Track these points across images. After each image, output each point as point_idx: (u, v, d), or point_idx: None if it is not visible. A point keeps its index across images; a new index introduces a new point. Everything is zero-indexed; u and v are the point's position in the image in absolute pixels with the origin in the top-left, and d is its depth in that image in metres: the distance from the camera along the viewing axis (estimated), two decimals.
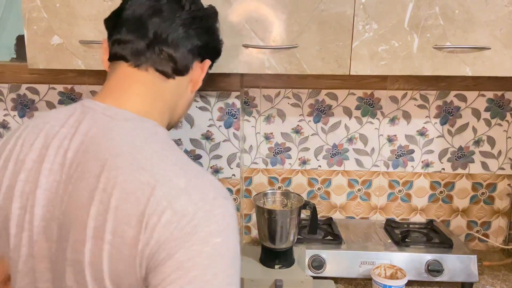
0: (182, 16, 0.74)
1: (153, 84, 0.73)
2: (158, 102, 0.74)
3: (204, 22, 0.79)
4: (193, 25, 0.76)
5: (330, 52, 1.04)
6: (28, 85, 1.40)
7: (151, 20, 0.72)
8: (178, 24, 0.73)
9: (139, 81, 0.72)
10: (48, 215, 0.65)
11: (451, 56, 1.03)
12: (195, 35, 0.76)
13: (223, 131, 1.36)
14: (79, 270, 0.61)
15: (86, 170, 0.62)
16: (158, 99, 0.74)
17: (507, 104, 1.40)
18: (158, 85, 0.73)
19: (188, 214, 0.58)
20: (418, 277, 1.22)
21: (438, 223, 1.46)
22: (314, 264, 1.23)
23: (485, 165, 1.45)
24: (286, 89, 1.42)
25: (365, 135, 1.44)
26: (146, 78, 0.72)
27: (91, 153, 0.63)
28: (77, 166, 0.63)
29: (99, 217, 0.59)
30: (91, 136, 0.65)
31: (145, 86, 0.72)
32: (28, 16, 1.05)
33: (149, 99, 0.72)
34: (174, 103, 0.78)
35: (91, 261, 0.59)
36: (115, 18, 0.75)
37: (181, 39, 0.74)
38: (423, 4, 1.00)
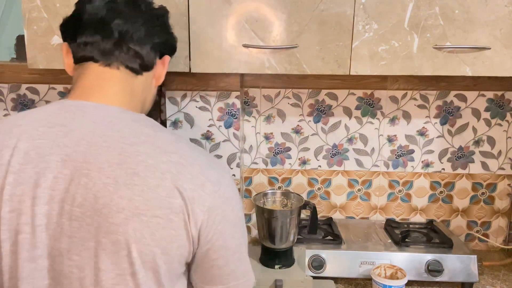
0: (142, 15, 0.79)
1: (126, 81, 0.78)
2: (133, 98, 0.79)
3: (161, 20, 0.84)
4: (153, 24, 0.81)
5: (330, 52, 1.04)
6: (28, 85, 1.40)
7: (114, 21, 0.76)
8: (140, 23, 0.78)
9: (114, 79, 0.76)
10: (54, 212, 0.66)
11: (451, 56, 1.03)
12: (156, 33, 0.81)
13: (223, 131, 1.36)
14: (117, 251, 0.65)
15: (100, 161, 0.66)
16: (133, 95, 0.79)
17: (507, 104, 1.40)
18: (130, 81, 0.79)
19: (222, 183, 0.71)
20: (418, 277, 1.22)
21: (438, 223, 1.46)
22: (314, 264, 1.23)
23: (485, 165, 1.45)
24: (286, 89, 1.42)
25: (365, 135, 1.44)
26: (119, 76, 0.77)
27: (99, 146, 0.67)
28: (85, 160, 0.66)
29: (136, 198, 0.65)
30: (88, 131, 0.68)
31: (121, 83, 0.77)
32: (28, 16, 1.05)
33: (127, 95, 0.77)
34: (143, 99, 0.83)
35: (138, 238, 0.65)
36: (76, 22, 0.78)
37: (144, 37, 0.78)
38: (423, 4, 1.00)
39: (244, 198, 1.48)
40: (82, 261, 0.66)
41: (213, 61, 1.06)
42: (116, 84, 0.76)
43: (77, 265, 0.66)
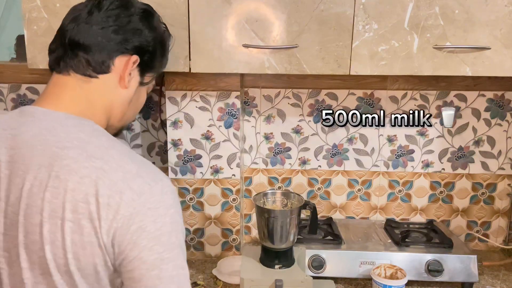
0: (96, 17, 0.79)
1: (79, 87, 0.79)
2: (89, 103, 0.79)
3: (121, 20, 0.81)
4: (108, 24, 0.79)
5: (330, 52, 1.04)
6: (28, 85, 1.40)
7: (68, 26, 0.80)
8: (92, 24, 0.79)
9: (67, 85, 0.79)
10: None
11: (451, 56, 1.03)
12: (111, 32, 0.79)
13: (223, 131, 1.36)
14: (35, 250, 0.68)
15: (33, 163, 0.69)
16: (88, 100, 0.79)
17: (507, 104, 1.40)
18: (83, 86, 0.79)
19: (146, 192, 0.69)
20: (418, 277, 1.22)
21: (438, 223, 1.46)
22: (314, 264, 1.23)
23: (485, 165, 1.45)
24: (286, 89, 1.42)
25: (365, 135, 1.44)
26: (71, 82, 0.79)
27: (36, 149, 0.70)
28: (21, 162, 0.70)
29: (54, 200, 0.67)
30: (32, 135, 0.72)
31: (73, 89, 0.79)
32: (28, 16, 1.05)
33: (80, 101, 0.79)
34: (107, 102, 0.82)
35: (52, 240, 0.67)
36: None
37: (95, 39, 0.78)
38: (423, 4, 1.00)
39: (244, 198, 1.48)
40: (10, 258, 0.70)
41: (213, 61, 1.06)
42: (68, 90, 0.78)
43: (7, 262, 0.71)
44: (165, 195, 0.71)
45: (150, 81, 0.91)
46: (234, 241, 1.44)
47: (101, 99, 0.81)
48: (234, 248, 1.45)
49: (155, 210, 0.69)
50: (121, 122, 0.89)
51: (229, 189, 1.40)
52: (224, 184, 1.40)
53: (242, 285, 1.08)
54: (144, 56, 0.84)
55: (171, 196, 0.72)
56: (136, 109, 0.93)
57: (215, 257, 1.45)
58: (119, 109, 0.85)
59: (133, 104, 0.89)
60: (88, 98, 0.79)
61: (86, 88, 0.79)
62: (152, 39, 0.86)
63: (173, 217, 0.71)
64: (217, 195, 1.41)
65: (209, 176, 1.40)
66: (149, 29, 0.85)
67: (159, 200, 0.70)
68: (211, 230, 1.43)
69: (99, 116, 0.81)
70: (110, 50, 0.80)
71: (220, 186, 1.40)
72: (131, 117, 0.93)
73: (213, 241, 1.44)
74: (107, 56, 0.80)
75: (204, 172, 1.39)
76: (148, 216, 0.68)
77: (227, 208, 1.42)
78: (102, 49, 0.79)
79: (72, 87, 0.79)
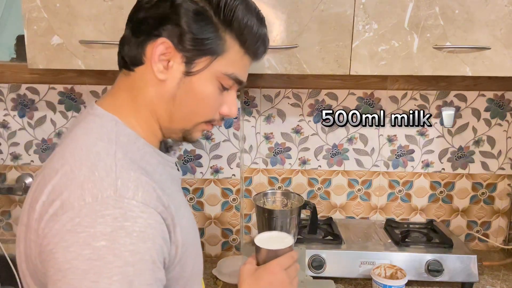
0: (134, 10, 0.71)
1: (121, 81, 0.72)
2: (128, 99, 0.70)
3: (139, 4, 0.70)
4: (132, 13, 0.71)
5: (330, 52, 1.04)
6: (28, 85, 1.40)
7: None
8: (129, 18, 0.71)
9: (115, 82, 0.74)
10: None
11: (451, 56, 1.03)
12: (131, 20, 0.70)
13: (223, 131, 1.36)
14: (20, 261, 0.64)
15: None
16: (127, 96, 0.71)
17: (507, 104, 1.40)
18: (124, 81, 0.72)
19: (73, 209, 0.55)
20: (418, 277, 1.22)
21: (438, 223, 1.46)
22: (314, 264, 1.23)
23: (485, 165, 1.45)
24: (286, 89, 1.42)
25: (365, 135, 1.44)
26: (119, 78, 0.73)
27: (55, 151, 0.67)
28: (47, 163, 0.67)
29: (26, 206, 0.63)
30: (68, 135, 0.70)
31: (117, 84, 0.73)
32: (28, 16, 1.05)
33: (117, 96, 0.71)
34: (147, 99, 0.70)
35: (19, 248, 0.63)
36: None
37: (127, 30, 0.70)
38: (423, 4, 1.00)
39: (244, 198, 1.48)
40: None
41: None
42: (114, 85, 0.73)
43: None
44: (99, 219, 0.54)
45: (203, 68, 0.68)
46: (234, 241, 1.44)
47: (141, 95, 0.70)
48: (234, 248, 1.45)
49: (73, 234, 0.54)
50: (174, 124, 0.72)
51: (229, 189, 1.40)
52: (224, 184, 1.40)
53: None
54: (178, 38, 0.66)
55: (112, 223, 0.54)
56: (189, 107, 0.71)
57: (215, 257, 1.45)
58: (161, 106, 0.70)
59: (180, 100, 0.69)
60: (126, 92, 0.70)
61: (126, 83, 0.71)
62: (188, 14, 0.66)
63: (97, 253, 0.53)
64: (217, 195, 1.41)
65: (209, 176, 1.40)
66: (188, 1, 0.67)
67: (85, 224, 0.54)
68: (211, 230, 1.43)
69: (135, 112, 0.70)
70: (136, 37, 0.68)
71: (220, 186, 1.40)
72: (186, 120, 0.72)
73: (213, 241, 1.45)
74: (136, 46, 0.68)
75: (204, 172, 1.39)
76: (64, 240, 0.54)
77: (227, 208, 1.42)
78: (130, 39, 0.69)
79: (117, 82, 0.73)
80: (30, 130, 1.42)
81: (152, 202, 0.60)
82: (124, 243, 0.54)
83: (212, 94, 0.70)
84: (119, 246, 0.54)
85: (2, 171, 1.46)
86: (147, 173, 0.64)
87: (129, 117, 0.69)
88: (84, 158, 0.60)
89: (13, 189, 1.40)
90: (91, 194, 0.56)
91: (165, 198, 0.63)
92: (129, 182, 0.59)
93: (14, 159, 1.45)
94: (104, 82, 1.37)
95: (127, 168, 0.61)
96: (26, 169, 1.45)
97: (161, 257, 0.61)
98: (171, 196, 0.67)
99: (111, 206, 0.55)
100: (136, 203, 0.57)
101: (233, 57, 0.70)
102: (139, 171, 0.62)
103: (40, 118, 1.41)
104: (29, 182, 1.44)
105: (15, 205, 1.48)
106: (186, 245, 0.68)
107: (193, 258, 0.73)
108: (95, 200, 0.55)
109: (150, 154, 0.70)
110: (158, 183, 0.64)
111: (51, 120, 1.41)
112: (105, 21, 1.03)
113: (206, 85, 0.69)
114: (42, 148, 1.44)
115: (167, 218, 0.62)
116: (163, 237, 0.61)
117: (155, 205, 0.60)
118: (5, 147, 1.44)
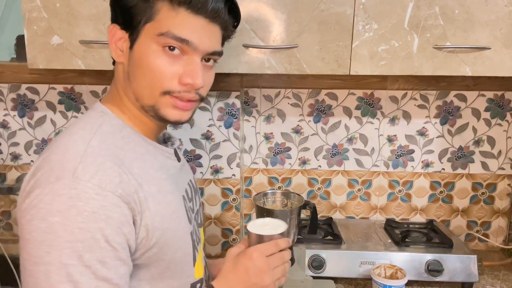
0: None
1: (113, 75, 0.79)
2: (114, 90, 0.77)
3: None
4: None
5: (330, 52, 1.04)
6: (28, 85, 1.40)
7: None
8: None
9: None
10: None
11: (451, 56, 1.03)
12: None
13: (223, 131, 1.36)
14: None
15: None
16: (114, 87, 0.77)
17: (507, 104, 1.40)
18: (113, 75, 0.78)
19: (40, 187, 0.61)
20: (418, 277, 1.22)
21: (438, 223, 1.46)
22: (314, 264, 1.23)
23: (485, 165, 1.45)
24: (286, 89, 1.42)
25: (365, 135, 1.44)
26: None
27: None
28: None
29: None
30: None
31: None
32: (28, 16, 1.05)
33: (110, 89, 0.78)
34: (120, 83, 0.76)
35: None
36: None
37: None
38: (423, 4, 1.00)
39: (244, 198, 1.48)
40: None
41: None
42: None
43: None
44: (56, 198, 0.60)
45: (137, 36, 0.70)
46: (234, 241, 1.44)
47: (118, 84, 0.76)
48: None
49: (37, 209, 0.61)
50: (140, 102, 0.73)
51: (229, 189, 1.40)
52: (224, 184, 1.40)
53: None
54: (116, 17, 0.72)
55: (66, 202, 0.60)
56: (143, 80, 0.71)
57: (215, 257, 1.45)
58: (126, 89, 0.74)
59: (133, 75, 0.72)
60: (115, 87, 0.77)
61: (113, 77, 0.78)
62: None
63: (53, 228, 0.60)
64: (217, 195, 1.41)
65: (209, 176, 1.40)
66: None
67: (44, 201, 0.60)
68: (211, 230, 1.44)
69: (125, 102, 0.75)
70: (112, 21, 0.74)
71: (220, 186, 1.40)
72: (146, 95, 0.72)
73: (213, 241, 1.45)
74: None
75: (204, 172, 1.39)
76: (29, 214, 0.61)
77: (227, 208, 1.42)
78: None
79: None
80: (30, 130, 1.42)
81: (110, 186, 0.63)
82: (75, 220, 0.60)
83: (158, 60, 0.70)
84: (70, 223, 0.60)
85: (2, 171, 1.46)
86: (121, 160, 0.68)
87: (117, 107, 0.75)
88: (62, 144, 0.67)
89: (13, 189, 1.40)
90: (56, 175, 0.62)
91: (134, 183, 0.67)
92: (91, 166, 0.63)
93: (14, 159, 1.45)
94: (104, 82, 1.37)
95: (96, 154, 0.65)
96: (26, 169, 1.45)
97: (122, 238, 0.64)
98: (150, 182, 0.71)
99: (67, 186, 0.61)
100: (92, 185, 0.62)
101: (165, 16, 0.69)
102: (108, 158, 0.66)
103: (40, 118, 1.41)
104: None
105: (15, 205, 1.48)
106: (163, 229, 0.71)
107: (176, 243, 0.76)
108: (57, 180, 0.61)
109: (136, 142, 0.74)
110: (130, 170, 0.68)
111: (51, 120, 1.41)
112: (105, 21, 1.03)
113: (148, 53, 0.69)
114: (42, 148, 1.44)
115: (130, 202, 0.65)
116: (123, 220, 0.64)
117: (113, 189, 0.63)
118: (5, 147, 1.44)
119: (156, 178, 0.74)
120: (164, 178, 0.77)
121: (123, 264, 0.65)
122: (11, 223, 1.49)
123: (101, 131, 0.70)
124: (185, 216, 0.80)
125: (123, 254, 0.65)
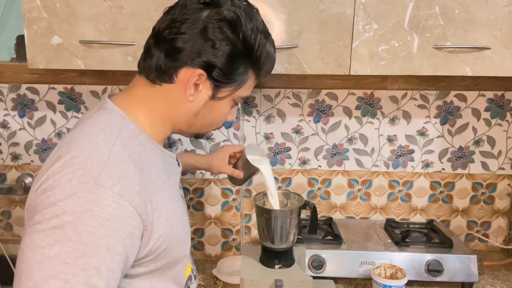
0: (165, 22, 0.73)
1: (141, 86, 0.77)
2: (144, 103, 0.77)
3: (182, 27, 0.71)
4: (171, 29, 0.72)
5: (330, 52, 1.04)
6: (28, 85, 1.40)
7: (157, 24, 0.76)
8: (161, 29, 0.73)
9: (133, 83, 0.79)
10: None
11: (451, 56, 1.03)
12: (171, 40, 0.72)
13: (223, 131, 1.36)
14: None
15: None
16: (143, 100, 0.77)
17: (507, 104, 1.40)
18: (145, 87, 0.76)
19: (59, 187, 0.62)
20: (418, 277, 1.22)
21: (438, 223, 1.46)
22: (314, 264, 1.23)
23: (485, 165, 1.45)
24: (286, 89, 1.42)
25: (365, 135, 1.44)
26: (136, 81, 0.78)
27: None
28: None
29: None
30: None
31: (136, 87, 0.78)
32: (28, 16, 1.05)
33: (133, 98, 0.77)
34: (167, 110, 0.77)
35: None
36: None
37: (161, 46, 0.73)
38: (423, 4, 1.00)
39: (244, 198, 1.48)
40: None
41: None
42: (131, 87, 0.79)
43: None
44: (76, 199, 0.61)
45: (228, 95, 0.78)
46: (234, 241, 1.44)
47: (162, 106, 0.76)
48: (234, 248, 1.45)
49: (53, 206, 0.61)
50: (191, 129, 0.82)
51: (229, 189, 1.40)
52: (224, 184, 1.40)
53: (242, 285, 1.08)
54: (212, 71, 0.74)
55: (84, 205, 0.61)
56: (208, 121, 0.81)
57: (215, 257, 1.45)
58: (182, 119, 0.78)
59: (202, 116, 0.79)
60: (144, 99, 0.76)
61: (146, 90, 0.76)
62: (224, 54, 0.73)
63: (63, 225, 0.60)
64: (217, 195, 1.41)
65: (209, 176, 1.40)
66: (227, 42, 0.72)
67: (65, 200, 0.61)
68: (211, 230, 1.44)
69: (151, 117, 0.76)
70: (173, 60, 0.72)
71: (220, 186, 1.40)
72: (202, 128, 0.83)
73: (213, 241, 1.45)
74: (169, 66, 0.73)
75: (204, 172, 1.39)
76: (44, 208, 0.62)
77: (227, 208, 1.42)
78: (165, 57, 0.73)
79: (135, 85, 0.78)
80: (30, 130, 1.42)
81: (129, 195, 0.64)
82: (86, 223, 0.60)
83: (228, 111, 0.82)
84: (81, 225, 0.60)
85: (2, 171, 1.46)
86: (140, 167, 0.69)
87: (139, 116, 0.75)
88: (84, 147, 0.66)
89: (13, 189, 1.40)
90: (78, 179, 0.62)
91: (149, 193, 0.68)
92: (114, 173, 0.64)
93: (14, 159, 1.45)
94: (104, 82, 1.37)
95: (119, 160, 0.66)
96: (26, 169, 1.45)
97: (122, 249, 0.64)
98: (161, 191, 0.73)
99: (87, 190, 0.61)
100: (112, 192, 0.62)
101: (251, 83, 0.81)
102: (131, 164, 0.67)
103: (40, 118, 1.41)
104: (29, 182, 1.44)
105: (15, 205, 1.48)
106: (172, 235, 0.73)
107: (180, 246, 0.79)
108: (79, 184, 0.62)
109: (151, 149, 0.75)
110: (148, 177, 0.70)
111: (51, 120, 1.41)
112: (105, 21, 1.03)
113: (226, 107, 0.81)
114: (42, 148, 1.44)
115: (142, 213, 0.66)
116: (131, 232, 0.64)
117: (130, 198, 0.64)
118: (5, 147, 1.44)
119: (168, 185, 0.77)
120: (173, 184, 0.81)
121: (113, 277, 0.64)
122: (11, 223, 1.49)
123: (122, 136, 0.70)
124: (187, 220, 0.84)
125: (118, 265, 0.64)
